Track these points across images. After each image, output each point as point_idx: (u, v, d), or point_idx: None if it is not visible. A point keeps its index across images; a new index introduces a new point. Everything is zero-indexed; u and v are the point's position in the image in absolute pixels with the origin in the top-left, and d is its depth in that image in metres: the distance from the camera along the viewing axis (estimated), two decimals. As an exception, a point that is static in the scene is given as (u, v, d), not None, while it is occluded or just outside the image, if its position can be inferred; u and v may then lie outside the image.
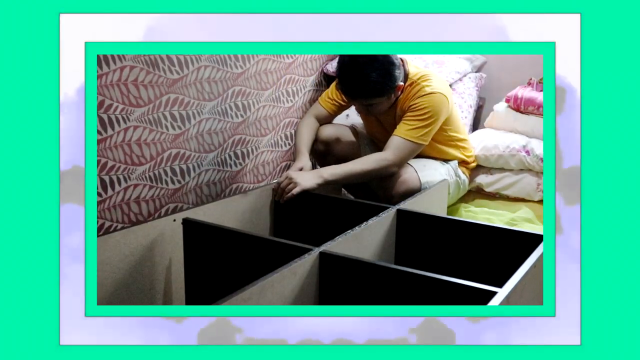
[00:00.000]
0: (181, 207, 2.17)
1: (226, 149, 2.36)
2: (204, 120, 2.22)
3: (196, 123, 2.18)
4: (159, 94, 2.01)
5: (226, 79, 2.30)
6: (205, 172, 2.27)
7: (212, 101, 2.25)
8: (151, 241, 1.56)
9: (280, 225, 1.98)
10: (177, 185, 2.15)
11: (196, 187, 2.23)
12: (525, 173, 2.57)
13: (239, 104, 2.39)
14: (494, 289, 1.20)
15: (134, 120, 1.93)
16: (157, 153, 2.04)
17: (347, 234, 1.52)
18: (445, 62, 2.91)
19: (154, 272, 1.60)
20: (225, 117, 2.32)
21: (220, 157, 2.34)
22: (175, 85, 2.07)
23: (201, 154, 2.23)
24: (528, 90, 2.69)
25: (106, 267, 1.47)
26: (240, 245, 1.54)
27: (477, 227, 1.65)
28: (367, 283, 1.35)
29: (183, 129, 2.13)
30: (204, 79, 2.19)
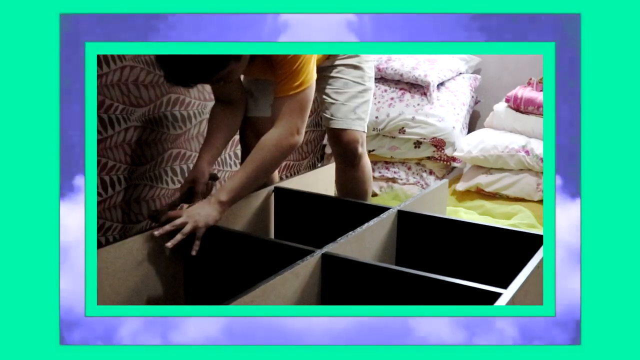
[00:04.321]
0: (181, 207, 2.17)
1: (226, 149, 2.35)
2: (205, 120, 2.22)
3: (197, 123, 2.18)
4: (159, 94, 2.01)
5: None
6: (205, 172, 2.27)
7: (212, 101, 2.25)
8: (161, 245, 1.56)
9: (281, 226, 1.98)
10: (177, 185, 2.15)
11: (196, 187, 2.23)
12: (525, 173, 2.57)
13: (239, 104, 2.38)
14: (499, 290, 1.20)
15: (134, 120, 1.93)
16: (157, 153, 2.04)
17: (348, 236, 1.51)
18: (438, 59, 2.91)
19: (166, 276, 1.59)
20: (226, 117, 2.32)
21: (221, 158, 2.33)
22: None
23: (201, 154, 2.23)
24: (528, 90, 2.69)
25: (120, 274, 1.46)
26: (242, 247, 1.54)
27: (477, 227, 1.65)
28: (370, 285, 1.35)
29: (184, 129, 2.13)
30: (204, 79, 2.19)
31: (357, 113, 2.00)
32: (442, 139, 2.74)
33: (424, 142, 2.79)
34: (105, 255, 1.42)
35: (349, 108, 1.99)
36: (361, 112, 2.01)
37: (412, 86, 2.85)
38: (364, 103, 2.02)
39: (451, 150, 2.75)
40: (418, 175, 2.85)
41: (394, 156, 2.83)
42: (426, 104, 2.78)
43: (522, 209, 2.48)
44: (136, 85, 1.92)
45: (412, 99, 2.81)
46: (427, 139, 2.76)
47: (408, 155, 2.84)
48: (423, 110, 2.76)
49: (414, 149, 2.81)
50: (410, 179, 2.84)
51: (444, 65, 2.89)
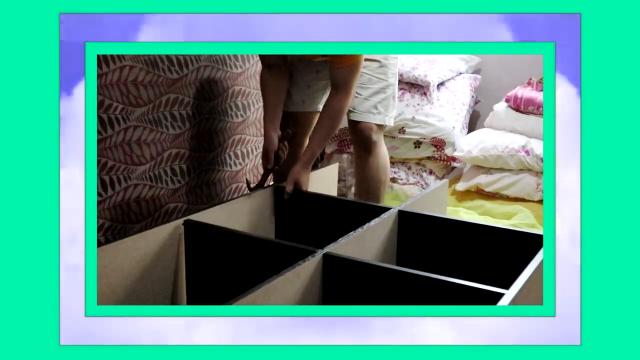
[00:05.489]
0: (181, 207, 2.17)
1: (226, 149, 2.35)
2: (204, 120, 2.22)
3: (196, 123, 2.18)
4: (158, 94, 2.01)
5: (226, 79, 2.30)
6: (205, 172, 2.27)
7: (212, 101, 2.24)
8: (160, 245, 1.56)
9: (282, 226, 1.98)
10: (177, 185, 2.14)
11: (196, 187, 2.23)
12: (525, 173, 2.57)
13: (239, 104, 2.38)
14: (501, 291, 1.20)
15: (133, 120, 1.93)
16: (157, 153, 2.04)
17: (349, 236, 1.51)
18: (438, 59, 2.91)
19: (164, 276, 1.59)
20: (225, 117, 2.32)
21: (220, 157, 2.33)
22: (175, 85, 2.07)
23: (201, 154, 2.23)
24: (528, 90, 2.69)
25: (117, 273, 1.46)
26: (244, 248, 1.54)
27: (478, 227, 1.65)
28: (371, 285, 1.35)
29: (183, 128, 2.13)
30: (204, 79, 2.19)
31: (378, 108, 2.14)
32: (442, 139, 2.74)
33: (424, 142, 2.79)
34: (104, 254, 1.42)
35: (372, 103, 2.14)
36: (382, 107, 2.14)
37: (412, 86, 2.85)
38: (386, 98, 2.15)
39: (451, 150, 2.75)
40: (418, 175, 2.85)
41: (394, 156, 2.83)
42: (426, 104, 2.78)
43: (522, 209, 2.48)
44: (135, 85, 1.92)
45: (412, 98, 2.81)
46: (427, 139, 2.76)
47: (408, 155, 2.84)
48: (423, 110, 2.76)
49: (414, 149, 2.81)
50: (410, 179, 2.84)
51: (444, 65, 2.89)
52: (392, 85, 2.17)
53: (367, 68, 2.11)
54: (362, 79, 2.11)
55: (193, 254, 1.63)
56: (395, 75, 2.19)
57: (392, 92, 2.18)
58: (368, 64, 2.11)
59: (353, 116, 2.15)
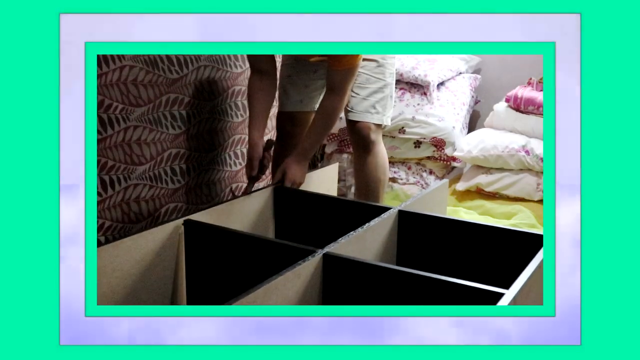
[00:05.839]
0: (181, 207, 2.17)
1: (226, 149, 2.35)
2: (204, 120, 2.22)
3: (196, 123, 2.18)
4: (158, 94, 2.01)
5: (226, 79, 2.30)
6: (205, 172, 2.27)
7: (212, 101, 2.24)
8: (160, 245, 1.55)
9: (282, 226, 1.98)
10: (177, 185, 2.15)
11: (196, 187, 2.23)
12: (525, 173, 2.57)
13: (239, 103, 2.38)
14: (501, 291, 1.20)
15: (133, 120, 1.93)
16: (157, 153, 2.04)
17: (349, 236, 1.51)
18: (438, 59, 2.91)
19: (164, 276, 1.59)
20: (225, 117, 2.32)
21: (220, 157, 2.33)
22: (175, 85, 2.07)
23: (201, 154, 2.23)
24: (528, 90, 2.69)
25: (117, 273, 1.46)
26: (244, 248, 1.54)
27: (478, 227, 1.65)
28: (371, 285, 1.35)
29: (183, 128, 2.13)
30: (204, 79, 2.19)
31: (376, 108, 2.14)
32: (442, 138, 2.74)
33: (424, 142, 2.79)
34: (104, 254, 1.42)
35: (369, 103, 2.14)
36: (380, 106, 2.15)
37: (412, 86, 2.85)
38: (384, 98, 2.16)
39: (451, 150, 2.75)
40: (418, 175, 2.85)
41: (394, 156, 2.83)
42: (426, 104, 2.77)
43: (522, 208, 2.47)
44: (135, 84, 1.92)
45: (412, 98, 2.81)
46: (427, 139, 2.76)
47: (408, 155, 2.84)
48: (423, 110, 2.76)
49: (414, 149, 2.81)
50: (410, 178, 2.84)
51: (444, 65, 2.89)
52: (389, 85, 2.18)
53: (364, 68, 2.11)
54: (360, 79, 2.12)
55: (193, 254, 1.63)
56: (393, 75, 2.20)
57: (390, 92, 2.18)
58: (366, 64, 2.11)
59: (351, 116, 2.15)
